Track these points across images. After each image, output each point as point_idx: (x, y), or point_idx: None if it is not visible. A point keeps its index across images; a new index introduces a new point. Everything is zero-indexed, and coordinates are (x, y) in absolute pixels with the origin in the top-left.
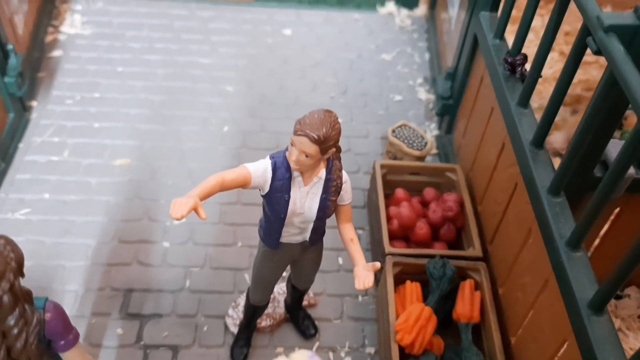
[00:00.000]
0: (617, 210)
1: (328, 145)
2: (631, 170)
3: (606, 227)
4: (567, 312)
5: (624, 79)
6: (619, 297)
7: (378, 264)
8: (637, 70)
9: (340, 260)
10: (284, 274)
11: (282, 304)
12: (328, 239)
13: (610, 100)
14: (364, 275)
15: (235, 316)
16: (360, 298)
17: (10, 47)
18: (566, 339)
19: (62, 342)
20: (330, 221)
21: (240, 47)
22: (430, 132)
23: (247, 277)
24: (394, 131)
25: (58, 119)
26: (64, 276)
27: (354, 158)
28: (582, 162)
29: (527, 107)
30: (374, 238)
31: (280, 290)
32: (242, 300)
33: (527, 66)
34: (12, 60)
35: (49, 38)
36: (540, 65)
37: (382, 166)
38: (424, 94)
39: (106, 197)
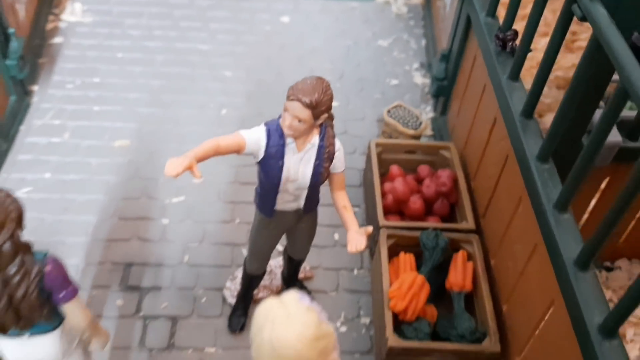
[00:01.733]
0: (606, 180)
1: (320, 111)
2: (618, 138)
3: (595, 199)
4: (555, 272)
5: (609, 44)
6: (609, 269)
7: (370, 228)
8: (621, 36)
9: (336, 236)
10: (280, 247)
11: (279, 276)
12: (324, 216)
13: (595, 66)
14: (356, 239)
15: (232, 288)
16: (355, 271)
17: (11, 30)
18: (554, 300)
19: (62, 294)
20: (327, 199)
21: (238, 35)
22: (426, 114)
23: (245, 252)
24: (389, 111)
25: (59, 103)
26: (64, 251)
27: (350, 140)
28: (569, 130)
29: (518, 80)
30: (369, 214)
31: (277, 263)
32: (239, 273)
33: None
34: (14, 44)
35: (49, 26)
36: (530, 38)
37: (378, 144)
38: (420, 79)
39: (106, 176)
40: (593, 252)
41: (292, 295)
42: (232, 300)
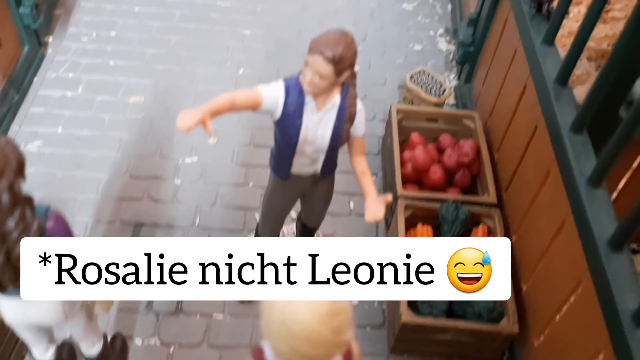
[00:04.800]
0: None
1: (343, 67)
2: None
3: (627, 177)
4: (584, 252)
5: None
6: (637, 252)
7: (390, 196)
8: None
9: (352, 205)
10: (294, 214)
11: None
12: (340, 184)
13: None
14: (374, 208)
15: None
16: None
17: None
18: (581, 280)
19: None
20: (343, 165)
21: None
22: (450, 82)
23: (258, 216)
24: (412, 77)
25: (73, 56)
26: (74, 208)
27: (370, 105)
28: (607, 100)
29: (553, 44)
30: (387, 183)
31: (290, 230)
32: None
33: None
34: None
35: None
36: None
37: (399, 111)
38: (445, 45)
39: (119, 133)
40: (630, 232)
41: None
42: None
